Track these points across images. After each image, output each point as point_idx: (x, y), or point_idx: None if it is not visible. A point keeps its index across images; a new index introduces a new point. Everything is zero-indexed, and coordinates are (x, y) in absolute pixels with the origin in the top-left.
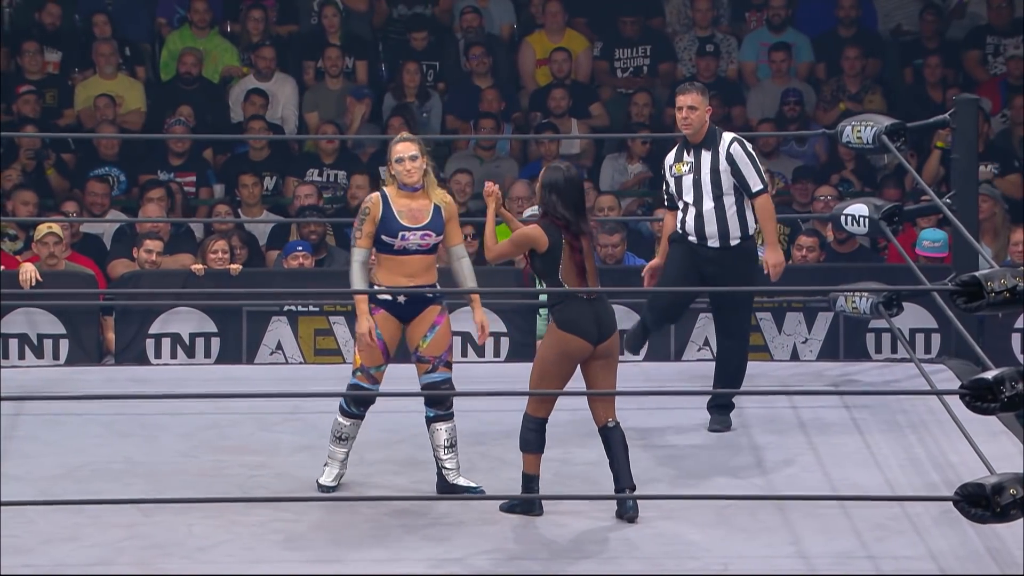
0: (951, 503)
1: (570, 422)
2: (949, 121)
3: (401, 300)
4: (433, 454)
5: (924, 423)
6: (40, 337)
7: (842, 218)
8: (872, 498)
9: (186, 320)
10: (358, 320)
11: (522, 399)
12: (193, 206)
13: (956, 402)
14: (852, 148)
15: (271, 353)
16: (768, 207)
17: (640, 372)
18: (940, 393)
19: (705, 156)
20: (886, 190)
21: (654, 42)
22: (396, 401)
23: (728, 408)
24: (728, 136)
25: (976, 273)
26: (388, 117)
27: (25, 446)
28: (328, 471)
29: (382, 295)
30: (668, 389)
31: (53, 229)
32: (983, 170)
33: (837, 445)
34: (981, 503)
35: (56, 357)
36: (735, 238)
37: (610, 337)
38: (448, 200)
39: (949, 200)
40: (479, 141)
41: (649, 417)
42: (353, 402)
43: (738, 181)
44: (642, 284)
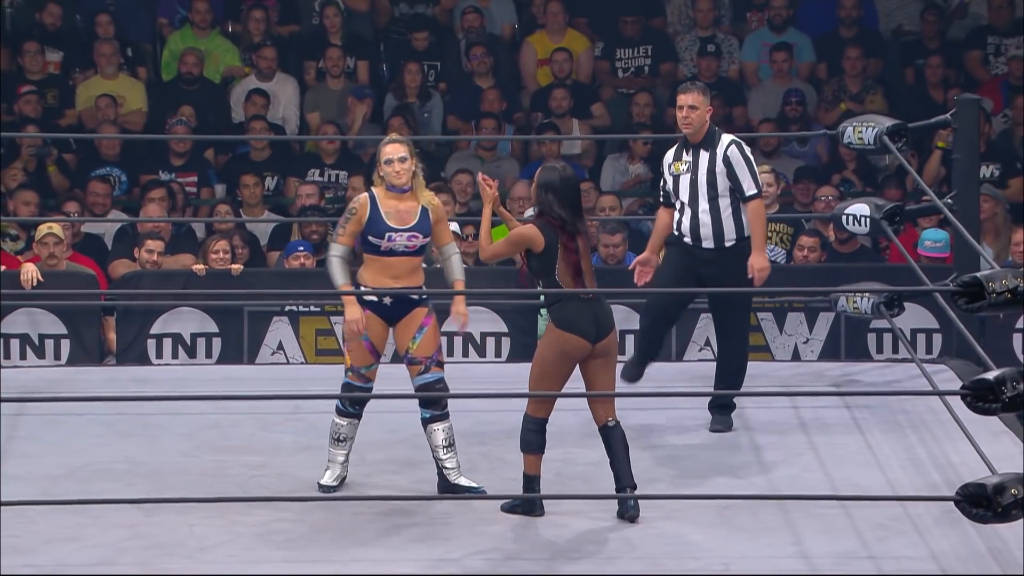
0: (952, 503)
1: (571, 422)
2: (950, 121)
3: (387, 301)
4: (432, 455)
5: (925, 423)
6: (41, 337)
7: (843, 218)
8: (873, 498)
9: (187, 320)
10: (347, 308)
11: (522, 399)
12: (195, 206)
13: (957, 402)
14: (853, 149)
15: (272, 353)
16: (760, 212)
17: None
18: (941, 393)
19: (703, 156)
20: (887, 190)
21: (655, 42)
22: (396, 401)
23: (729, 408)
24: (727, 138)
25: (977, 274)
26: (389, 117)
27: (26, 446)
28: (329, 472)
29: (368, 296)
30: (669, 389)
31: (53, 229)
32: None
33: (838, 445)
34: (982, 503)
35: (57, 357)
36: (730, 239)
37: (608, 336)
38: (436, 202)
39: (950, 200)
40: (480, 141)
41: (650, 417)
42: (348, 401)
43: (732, 183)
44: (635, 280)
